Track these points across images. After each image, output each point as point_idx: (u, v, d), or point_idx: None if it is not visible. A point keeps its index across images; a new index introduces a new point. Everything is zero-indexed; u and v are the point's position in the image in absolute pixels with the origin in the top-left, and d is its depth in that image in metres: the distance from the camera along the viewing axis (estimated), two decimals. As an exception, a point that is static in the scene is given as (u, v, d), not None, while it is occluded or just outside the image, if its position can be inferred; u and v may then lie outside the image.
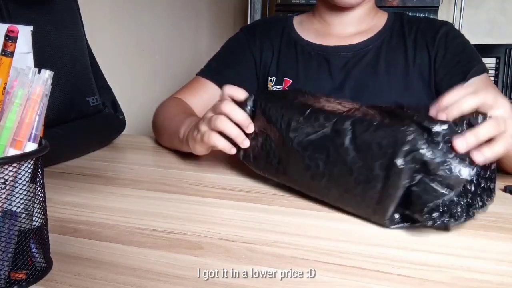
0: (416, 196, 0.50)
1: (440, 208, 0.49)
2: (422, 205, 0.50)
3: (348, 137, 0.54)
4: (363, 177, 0.53)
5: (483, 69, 0.87)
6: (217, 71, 0.96)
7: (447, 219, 0.49)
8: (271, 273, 0.43)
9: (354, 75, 0.90)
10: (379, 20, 0.95)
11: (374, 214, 0.54)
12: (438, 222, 0.49)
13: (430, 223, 0.49)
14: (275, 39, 0.97)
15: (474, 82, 0.84)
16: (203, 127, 0.68)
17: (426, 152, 0.49)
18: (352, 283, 0.41)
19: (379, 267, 0.44)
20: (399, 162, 0.50)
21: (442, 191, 0.49)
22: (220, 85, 0.89)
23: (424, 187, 0.50)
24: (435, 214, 0.49)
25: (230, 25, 2.32)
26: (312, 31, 0.97)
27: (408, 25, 0.93)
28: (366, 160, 0.53)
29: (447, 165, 0.49)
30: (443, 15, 2.12)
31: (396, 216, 0.53)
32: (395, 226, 0.53)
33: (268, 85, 0.95)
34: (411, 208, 0.51)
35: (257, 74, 0.98)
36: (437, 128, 0.50)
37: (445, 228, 0.53)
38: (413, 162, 0.50)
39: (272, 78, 0.95)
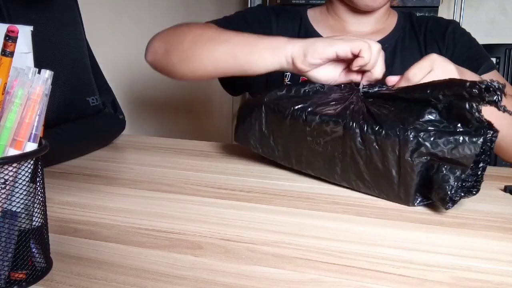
0: (437, 184, 0.56)
1: (457, 192, 0.56)
2: (444, 193, 0.55)
3: (358, 140, 0.61)
4: (379, 173, 0.60)
5: (492, 66, 0.89)
6: (233, 26, 0.88)
7: (463, 194, 0.56)
8: (271, 273, 0.43)
9: None
10: (391, 19, 0.96)
11: (399, 200, 0.60)
12: (457, 200, 0.56)
13: (450, 206, 0.56)
14: (295, 29, 0.95)
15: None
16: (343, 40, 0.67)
17: (429, 144, 0.56)
18: (352, 283, 0.41)
19: (379, 267, 0.44)
20: (407, 157, 0.57)
21: (457, 171, 0.55)
22: None
23: (441, 173, 0.56)
24: (451, 201, 0.55)
25: (230, 25, 2.32)
26: (327, 26, 0.96)
27: (417, 25, 0.94)
28: (378, 158, 0.60)
29: (453, 147, 0.55)
30: (443, 15, 2.12)
31: (418, 198, 0.59)
32: (419, 204, 0.60)
33: (283, 81, 0.93)
34: (434, 195, 0.57)
35: None
36: (429, 116, 0.58)
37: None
38: (421, 156, 0.56)
39: (287, 74, 0.93)
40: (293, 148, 0.70)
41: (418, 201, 0.59)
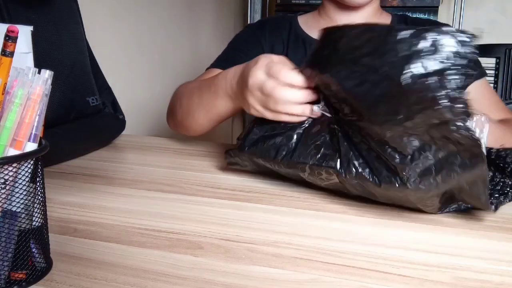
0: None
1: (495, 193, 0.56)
2: (482, 200, 0.52)
3: (359, 182, 0.56)
4: (397, 198, 0.56)
5: (483, 73, 0.93)
6: (228, 60, 0.95)
7: (502, 199, 0.57)
8: (271, 273, 0.43)
9: None
10: (384, 21, 0.96)
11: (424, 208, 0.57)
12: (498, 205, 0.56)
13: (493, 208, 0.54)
14: (284, 35, 0.98)
15: (476, 85, 0.89)
16: (267, 110, 0.63)
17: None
18: (352, 283, 0.41)
19: (379, 267, 0.44)
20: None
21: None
22: None
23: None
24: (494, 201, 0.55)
25: (230, 25, 2.32)
26: (318, 29, 0.97)
27: None
28: (389, 192, 0.55)
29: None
30: (443, 15, 2.12)
31: (446, 207, 0.57)
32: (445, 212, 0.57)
33: None
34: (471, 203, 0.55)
35: None
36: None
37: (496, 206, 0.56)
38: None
39: None
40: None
41: (447, 209, 0.57)
